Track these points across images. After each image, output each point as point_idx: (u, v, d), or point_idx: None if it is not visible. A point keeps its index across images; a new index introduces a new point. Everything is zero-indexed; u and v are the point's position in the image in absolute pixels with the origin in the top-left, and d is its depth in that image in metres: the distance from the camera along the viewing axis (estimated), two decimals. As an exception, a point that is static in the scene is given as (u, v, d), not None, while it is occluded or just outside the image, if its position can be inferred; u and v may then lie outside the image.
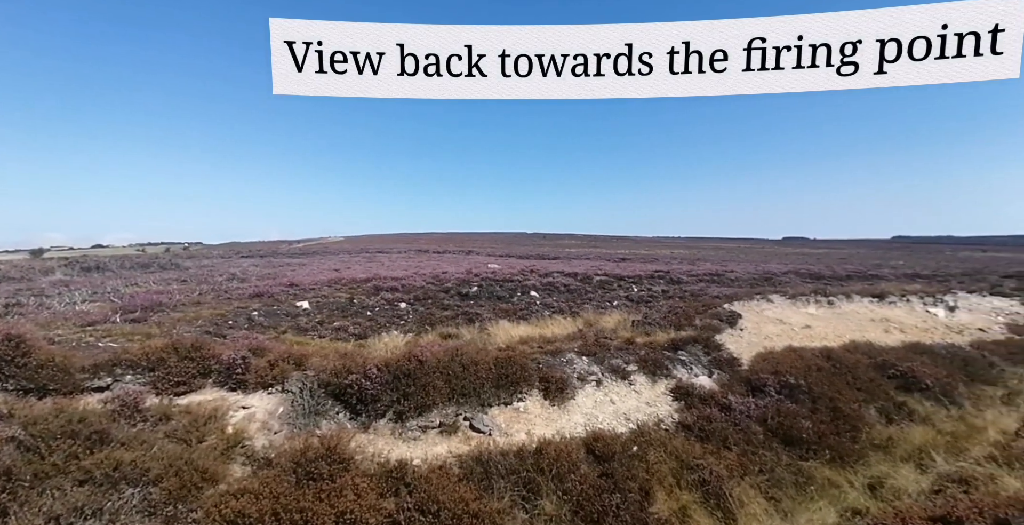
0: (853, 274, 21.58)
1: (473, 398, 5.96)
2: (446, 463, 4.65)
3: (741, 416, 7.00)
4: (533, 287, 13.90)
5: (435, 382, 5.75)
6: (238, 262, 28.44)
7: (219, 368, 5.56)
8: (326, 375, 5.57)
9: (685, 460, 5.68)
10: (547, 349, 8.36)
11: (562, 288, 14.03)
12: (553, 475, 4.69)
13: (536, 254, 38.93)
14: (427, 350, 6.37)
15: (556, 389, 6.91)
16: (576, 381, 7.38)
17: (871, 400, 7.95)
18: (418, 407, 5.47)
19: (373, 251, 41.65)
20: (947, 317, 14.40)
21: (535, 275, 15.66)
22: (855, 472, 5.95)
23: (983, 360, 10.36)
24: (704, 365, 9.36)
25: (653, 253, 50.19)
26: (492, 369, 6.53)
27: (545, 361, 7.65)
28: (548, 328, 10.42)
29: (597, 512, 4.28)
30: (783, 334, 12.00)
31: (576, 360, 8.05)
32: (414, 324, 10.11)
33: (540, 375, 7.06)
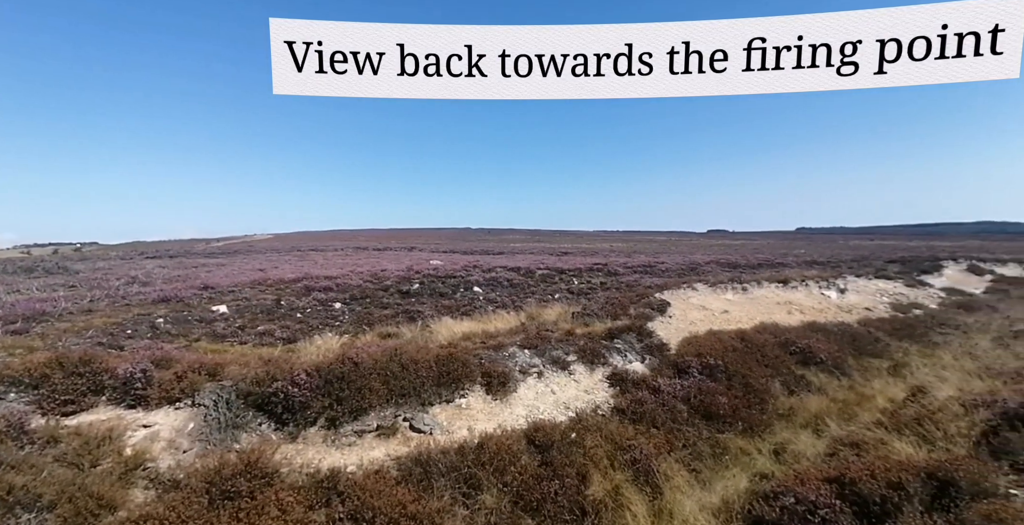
0: (763, 263, 24.06)
1: (413, 398, 5.83)
2: (383, 467, 4.51)
3: (668, 397, 7.55)
4: (476, 282, 13.87)
5: (372, 384, 5.54)
6: (141, 264, 25.28)
7: (114, 383, 4.92)
8: (246, 384, 5.14)
9: (619, 442, 6.01)
10: (490, 344, 8.40)
11: (505, 283, 14.15)
12: (494, 469, 4.73)
13: (481, 250, 38.88)
14: (363, 351, 6.12)
15: (498, 383, 6.98)
16: (518, 374, 7.50)
17: (776, 375, 8.93)
18: (353, 411, 5.24)
19: (306, 249, 39.07)
20: (839, 299, 16.55)
21: (478, 270, 15.63)
22: (763, 440, 6.67)
23: (869, 336, 12.03)
24: (637, 351, 9.94)
25: (594, 247, 52.26)
26: (433, 367, 6.43)
27: (487, 356, 7.68)
28: (491, 323, 10.46)
29: (536, 500, 4.40)
30: (705, 319, 13.09)
31: (518, 353, 8.17)
32: (350, 325, 9.65)
33: (482, 370, 7.08)
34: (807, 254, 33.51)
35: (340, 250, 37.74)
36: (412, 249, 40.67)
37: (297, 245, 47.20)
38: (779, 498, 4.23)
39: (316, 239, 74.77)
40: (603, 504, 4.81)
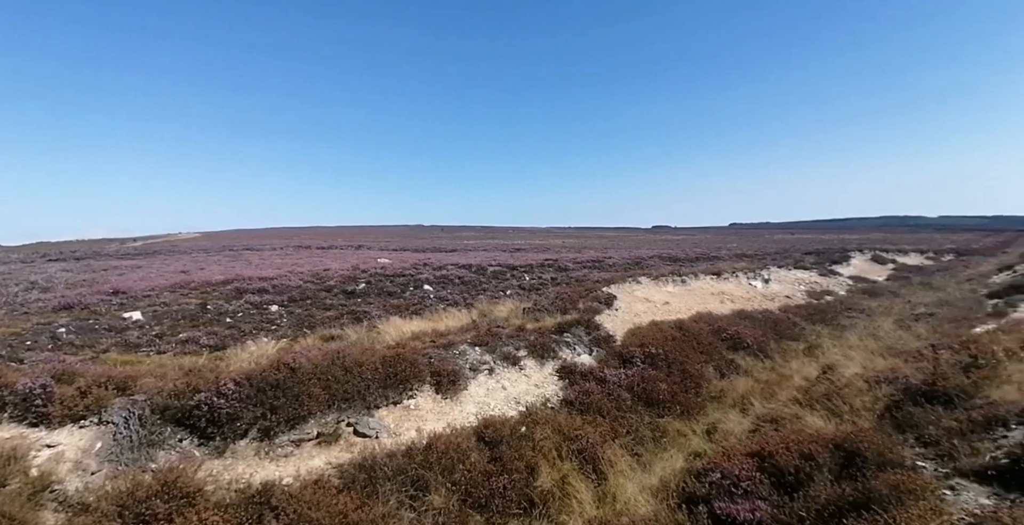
0: (700, 256, 25.77)
1: (358, 402, 5.61)
2: (324, 476, 4.30)
3: (614, 386, 7.87)
4: (427, 280, 13.59)
5: (311, 390, 5.26)
6: (43, 267, 22.18)
7: (14, 400, 4.31)
8: (162, 398, 4.67)
9: (567, 433, 6.17)
10: (440, 343, 8.28)
11: (457, 280, 14.00)
12: (442, 468, 4.68)
13: (433, 247, 38.18)
14: (302, 356, 5.78)
15: (448, 382, 6.90)
16: (469, 372, 7.46)
17: (710, 360, 9.59)
18: (290, 420, 4.95)
19: (239, 248, 36.21)
20: (764, 288, 18.09)
21: (429, 268, 15.34)
22: (697, 422, 7.15)
23: (788, 321, 13.23)
24: (586, 344, 10.26)
25: (547, 243, 53.18)
26: (380, 369, 6.23)
27: (437, 355, 7.57)
28: (442, 321, 10.32)
29: (485, 497, 4.41)
30: (649, 311, 13.78)
31: (469, 351, 8.13)
32: (289, 328, 9.09)
33: (432, 369, 6.97)
34: (738, 248, 36.32)
35: (279, 249, 35.38)
36: (360, 247, 39.05)
37: (230, 244, 43.62)
38: (708, 474, 4.57)
39: (253, 237, 69.62)
40: (551, 494, 4.93)
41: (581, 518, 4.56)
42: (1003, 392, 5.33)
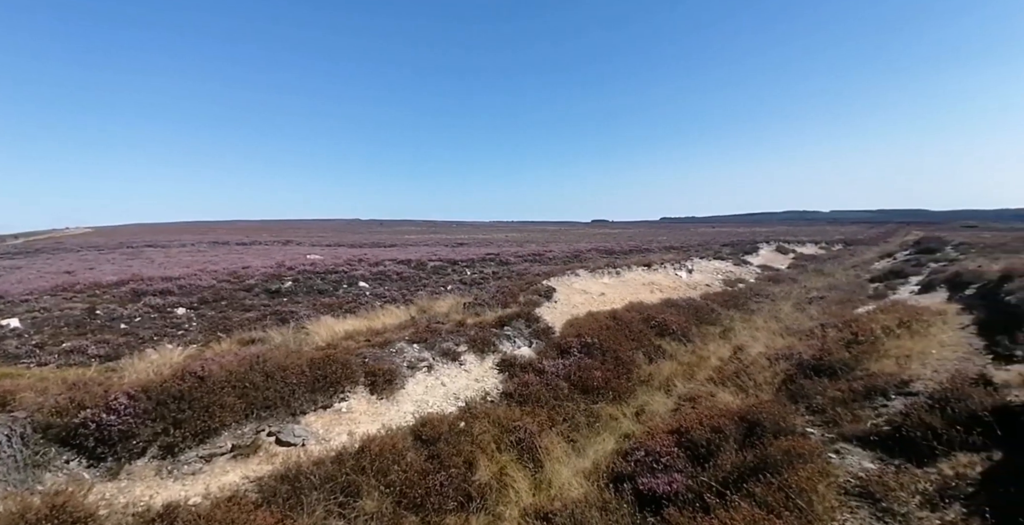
0: (634, 249, 27.30)
1: (281, 409, 5.24)
2: (239, 491, 3.97)
3: (552, 377, 8.11)
4: (362, 277, 12.99)
5: (224, 399, 4.82)
6: None
7: None
8: (44, 415, 4.03)
9: (505, 425, 6.26)
10: (375, 341, 7.98)
11: (395, 276, 13.54)
12: (376, 471, 4.53)
13: (371, 242, 36.54)
14: (213, 363, 5.27)
15: (384, 382, 6.69)
16: (406, 370, 7.28)
17: (640, 346, 10.21)
18: (198, 434, 4.50)
19: (140, 245, 32.04)
20: (688, 278, 19.60)
21: (365, 264, 14.67)
22: (628, 405, 7.60)
23: (707, 307, 14.43)
24: (526, 337, 10.45)
25: (490, 237, 53.21)
26: (307, 372, 5.86)
27: (372, 354, 7.30)
28: (379, 319, 9.95)
29: (420, 496, 4.35)
30: (586, 302, 14.37)
31: (407, 348, 7.93)
32: (200, 333, 8.24)
33: (366, 370, 6.71)
34: (667, 240, 38.96)
35: (190, 246, 31.80)
36: (288, 243, 36.34)
37: (129, 241, 38.42)
38: (633, 453, 4.89)
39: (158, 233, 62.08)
40: (488, 487, 4.98)
41: (518, 507, 4.66)
42: (882, 365, 6.22)
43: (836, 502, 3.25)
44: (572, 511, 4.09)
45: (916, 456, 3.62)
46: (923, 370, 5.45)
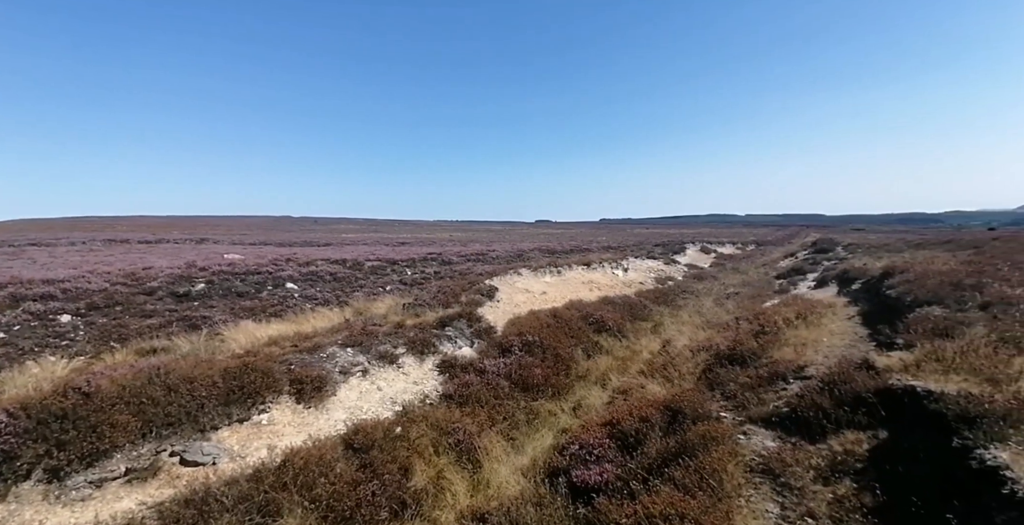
0: (575, 248, 28.22)
1: (186, 425, 4.70)
2: (135, 519, 3.51)
3: (493, 376, 8.11)
4: (291, 278, 12.09)
5: (115, 418, 4.23)
6: None
7: None
8: None
9: (444, 427, 6.16)
10: (303, 346, 7.47)
11: (328, 277, 12.76)
12: (300, 486, 4.23)
13: (303, 241, 34.17)
14: (102, 376, 4.60)
15: (313, 389, 6.28)
16: (338, 375, 6.90)
17: (579, 343, 10.57)
18: (85, 456, 3.91)
19: (23, 243, 27.33)
20: (624, 276, 20.65)
21: (294, 264, 13.67)
22: (566, 400, 7.82)
23: (640, 304, 15.29)
24: (467, 337, 10.37)
25: (433, 236, 52.15)
26: (219, 383, 5.32)
27: (299, 360, 6.82)
28: (308, 323, 9.32)
29: (350, 508, 4.13)
30: (528, 301, 14.59)
31: (339, 353, 7.51)
32: (89, 343, 7.17)
33: (292, 377, 6.25)
34: (606, 241, 40.76)
35: (80, 244, 27.64)
36: (203, 241, 32.89)
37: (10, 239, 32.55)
38: (568, 447, 5.03)
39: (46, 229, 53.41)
40: (425, 492, 4.86)
41: (454, 510, 4.60)
42: (783, 353, 6.97)
43: (743, 479, 3.59)
44: (508, 510, 4.11)
45: (810, 434, 4.11)
46: (816, 356, 6.21)
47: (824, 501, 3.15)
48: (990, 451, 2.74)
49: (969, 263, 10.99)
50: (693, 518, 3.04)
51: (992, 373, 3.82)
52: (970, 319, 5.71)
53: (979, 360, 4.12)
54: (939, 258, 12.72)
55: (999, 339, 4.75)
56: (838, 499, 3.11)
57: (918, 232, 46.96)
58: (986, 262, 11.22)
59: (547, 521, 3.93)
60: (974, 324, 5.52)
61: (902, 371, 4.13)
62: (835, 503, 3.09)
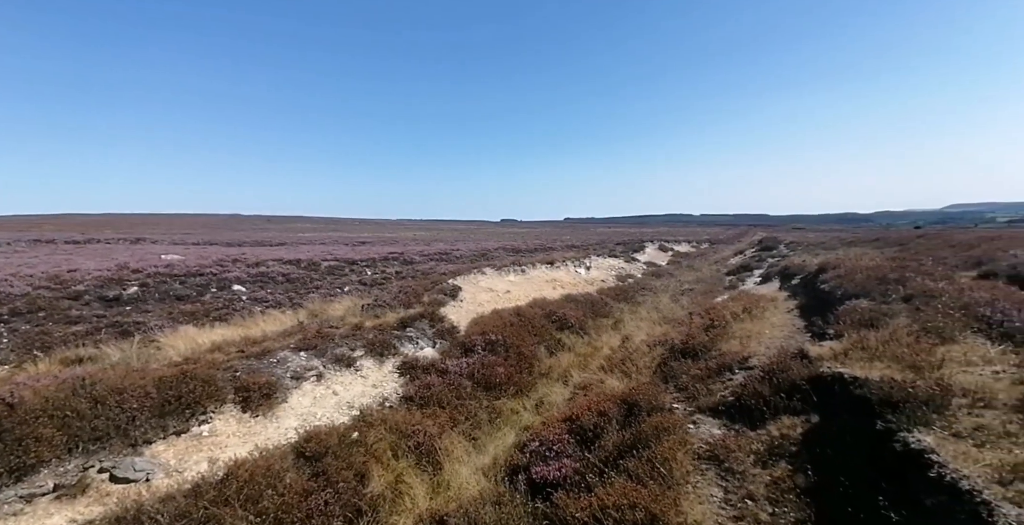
0: (539, 247, 28.50)
1: (116, 440, 4.32)
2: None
3: (455, 376, 8.03)
4: (238, 280, 11.39)
5: (39, 431, 3.82)
6: None
7: None
8: None
9: (404, 430, 6.02)
10: (251, 352, 7.07)
11: (280, 278, 12.13)
12: (244, 500, 3.99)
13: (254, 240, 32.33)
14: (25, 387, 4.16)
15: (261, 396, 5.95)
16: (290, 381, 6.58)
17: (542, 341, 10.67)
18: (14, 470, 3.60)
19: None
20: (586, 274, 21.09)
21: (241, 265, 12.89)
22: (529, 398, 7.87)
23: (602, 301, 15.65)
24: (429, 337, 10.21)
25: (396, 236, 50.98)
26: (153, 394, 4.93)
27: (246, 367, 6.45)
28: (257, 326, 8.84)
29: (299, 520, 3.94)
30: (492, 300, 14.58)
31: (291, 357, 7.17)
32: (12, 352, 6.44)
33: (237, 385, 5.90)
34: (570, 240, 41.47)
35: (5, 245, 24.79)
36: (139, 241, 30.39)
37: None
38: (529, 445, 5.06)
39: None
40: (382, 497, 4.73)
41: (412, 514, 4.51)
42: (730, 346, 7.35)
43: (691, 467, 3.75)
44: (467, 511, 4.08)
45: (751, 421, 4.37)
46: (759, 348, 6.60)
47: (762, 483, 3.35)
48: (914, 435, 3.00)
49: (894, 259, 12.09)
50: (644, 506, 3.14)
51: (914, 361, 4.21)
52: (893, 310, 6.27)
53: (901, 349, 4.52)
54: (868, 255, 13.90)
55: (921, 329, 5.24)
56: (775, 481, 3.32)
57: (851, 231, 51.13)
58: (910, 258, 12.39)
59: (506, 519, 3.93)
60: (897, 315, 6.07)
61: (832, 359, 4.47)
62: (772, 485, 3.30)
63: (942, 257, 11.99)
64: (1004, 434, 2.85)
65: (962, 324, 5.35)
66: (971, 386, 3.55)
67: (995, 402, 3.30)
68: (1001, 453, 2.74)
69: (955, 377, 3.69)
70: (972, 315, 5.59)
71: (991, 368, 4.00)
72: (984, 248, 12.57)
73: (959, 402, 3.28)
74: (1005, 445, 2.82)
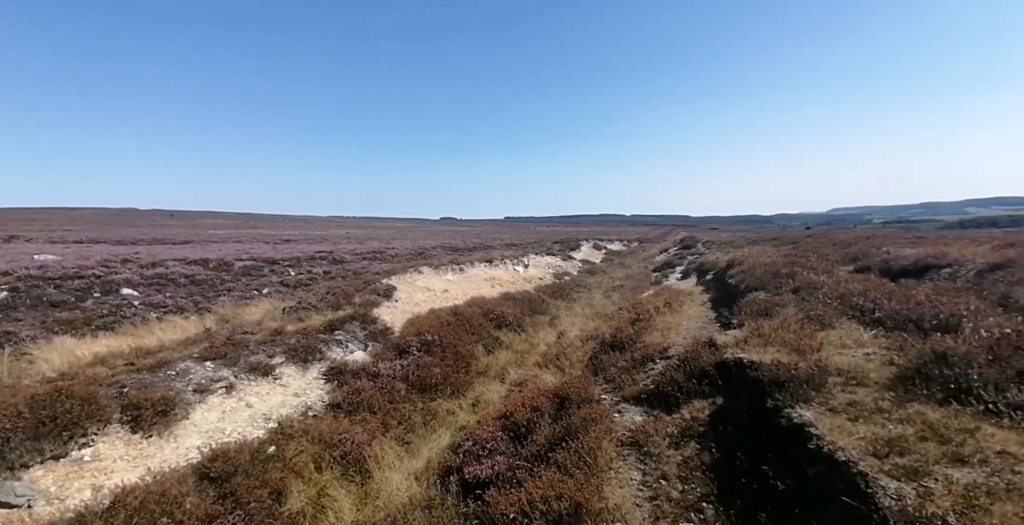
0: (478, 246, 28.43)
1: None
2: None
3: (388, 379, 7.72)
4: (127, 283, 9.94)
5: None
6: None
7: None
8: None
9: (329, 440, 5.66)
10: (144, 364, 6.23)
11: (183, 280, 10.79)
12: (132, 533, 3.48)
13: (152, 238, 28.51)
14: None
15: (156, 414, 5.25)
16: (192, 395, 5.88)
17: (480, 339, 10.64)
18: None
19: None
20: (524, 272, 21.41)
21: (133, 266, 11.28)
22: (466, 398, 7.80)
23: (539, 299, 15.96)
24: (361, 340, 9.71)
25: (326, 233, 47.93)
26: (27, 413, 4.17)
27: (136, 381, 5.66)
28: (153, 335, 7.81)
29: (201, 549, 3.53)
30: (429, 299, 14.25)
31: (194, 368, 6.42)
32: None
33: (124, 403, 5.16)
34: (510, 238, 41.87)
35: None
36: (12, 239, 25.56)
37: None
38: (463, 445, 5.00)
39: None
40: (302, 514, 4.41)
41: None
42: (653, 337, 7.84)
43: (615, 453, 3.95)
44: (395, 519, 3.93)
45: (668, 406, 4.71)
46: (677, 338, 7.14)
47: (675, 463, 3.62)
48: (796, 410, 3.40)
49: (787, 256, 13.73)
50: (569, 496, 3.23)
51: (799, 345, 4.79)
52: (784, 301, 7.11)
53: (789, 334, 5.13)
54: (767, 252, 15.66)
55: (806, 317, 5.99)
56: (685, 460, 3.61)
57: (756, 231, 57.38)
58: (800, 255, 14.14)
59: (436, 524, 3.84)
60: (787, 305, 6.89)
61: (734, 346, 4.96)
62: (683, 464, 3.58)
63: (826, 254, 13.85)
64: (876, 410, 3.21)
65: (839, 312, 6.20)
66: (845, 366, 4.11)
67: (867, 381, 3.80)
68: (875, 427, 2.98)
69: (832, 358, 4.26)
70: (848, 304, 6.49)
71: (863, 350, 4.66)
72: (860, 246, 14.69)
73: (835, 381, 3.78)
74: (878, 420, 3.07)
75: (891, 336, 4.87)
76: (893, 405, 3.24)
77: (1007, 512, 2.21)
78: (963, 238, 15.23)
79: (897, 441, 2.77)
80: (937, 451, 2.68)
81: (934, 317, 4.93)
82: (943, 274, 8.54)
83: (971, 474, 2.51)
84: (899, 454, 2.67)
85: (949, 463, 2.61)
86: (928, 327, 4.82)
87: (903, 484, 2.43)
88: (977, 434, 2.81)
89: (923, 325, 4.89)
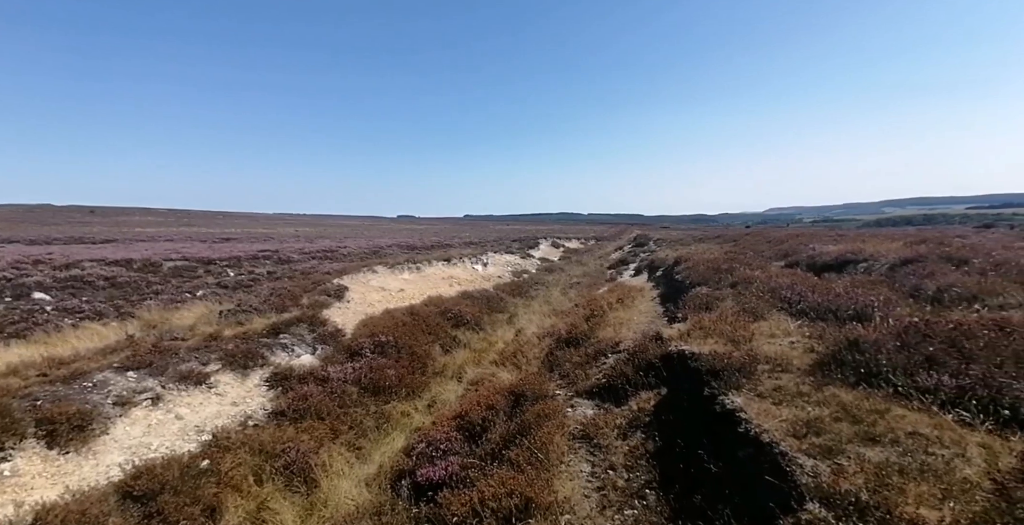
0: (436, 244, 27.99)
1: None
2: None
3: (339, 384, 7.39)
4: (40, 286, 8.85)
5: None
6: None
7: None
8: None
9: (271, 450, 5.35)
10: (56, 375, 5.59)
11: (102, 283, 9.74)
12: (36, 566, 3.11)
13: (69, 236, 25.58)
14: None
15: (71, 429, 4.74)
16: (112, 408, 5.35)
17: (437, 339, 10.46)
18: None
19: None
20: (483, 271, 21.35)
21: (45, 267, 10.06)
22: (421, 399, 7.64)
23: (498, 297, 15.96)
24: (308, 343, 9.25)
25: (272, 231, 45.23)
26: None
27: (49, 393, 5.08)
28: (67, 343, 7.03)
29: (120, 577, 3.21)
30: (384, 299, 13.83)
31: (114, 379, 5.84)
32: None
33: (39, 416, 4.62)
34: (469, 236, 41.56)
35: None
36: None
37: None
38: (416, 447, 4.90)
39: None
40: (239, 531, 4.14)
41: (278, 543, 4.02)
42: (606, 332, 8.06)
43: (566, 447, 4.03)
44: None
45: (617, 399, 4.88)
46: (628, 333, 7.41)
47: (622, 453, 3.76)
48: (728, 397, 3.63)
49: (728, 253, 14.64)
50: (520, 492, 3.26)
51: (734, 336, 5.12)
52: (723, 295, 7.58)
53: (726, 326, 5.47)
54: (711, 250, 16.62)
55: (741, 309, 6.41)
56: (631, 450, 3.76)
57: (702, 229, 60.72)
58: (739, 252, 15.11)
59: (386, 529, 3.74)
60: (726, 299, 7.34)
61: (678, 339, 5.22)
62: (629, 454, 3.72)
63: (761, 251, 14.91)
64: (798, 394, 3.48)
65: (770, 304, 6.70)
66: (773, 354, 4.44)
67: (791, 367, 4.13)
68: (796, 410, 3.18)
69: (761, 347, 4.59)
70: (778, 297, 7.03)
71: (789, 339, 5.05)
72: (791, 243, 15.92)
73: (762, 368, 4.08)
74: (799, 403, 3.28)
75: (813, 325, 5.31)
76: (812, 389, 3.53)
77: (923, 492, 2.26)
78: (879, 235, 16.89)
79: (814, 422, 3.02)
80: (850, 430, 2.94)
81: (849, 307, 5.43)
82: (860, 268, 9.45)
83: (883, 453, 2.66)
84: (816, 434, 2.91)
85: (861, 442, 2.79)
86: (844, 316, 5.31)
87: (819, 462, 2.64)
88: (887, 415, 3.06)
89: (840, 315, 5.38)
